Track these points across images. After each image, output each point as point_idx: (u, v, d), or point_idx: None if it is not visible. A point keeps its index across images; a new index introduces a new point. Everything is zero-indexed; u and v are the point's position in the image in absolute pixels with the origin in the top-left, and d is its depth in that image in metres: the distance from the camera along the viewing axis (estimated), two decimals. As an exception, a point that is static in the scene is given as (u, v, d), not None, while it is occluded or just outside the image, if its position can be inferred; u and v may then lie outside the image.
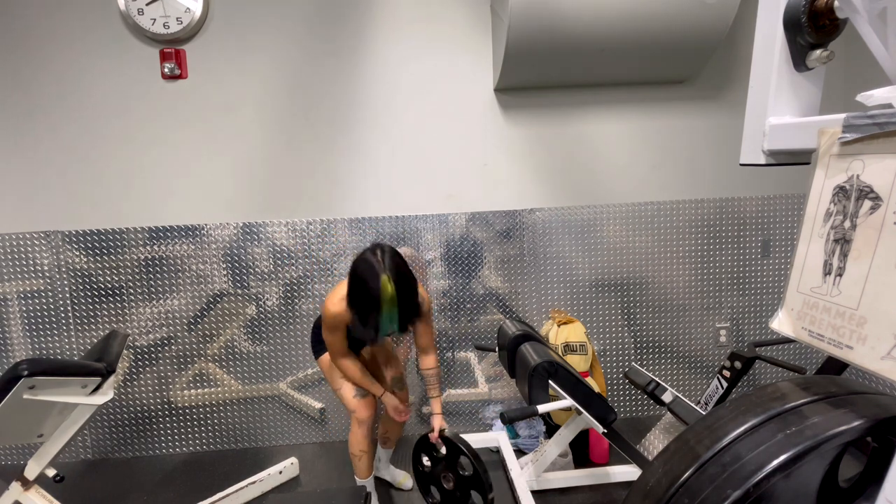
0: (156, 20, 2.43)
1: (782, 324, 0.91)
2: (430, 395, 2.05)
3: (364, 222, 2.63)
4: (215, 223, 2.59)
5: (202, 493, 2.20)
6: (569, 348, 2.47)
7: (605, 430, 1.90)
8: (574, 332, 2.49)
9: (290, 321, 2.67)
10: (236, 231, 2.60)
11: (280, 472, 2.32)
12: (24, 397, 1.63)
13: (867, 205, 0.76)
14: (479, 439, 2.52)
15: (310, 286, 2.65)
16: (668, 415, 2.29)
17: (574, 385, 1.91)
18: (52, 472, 1.83)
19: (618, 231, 2.73)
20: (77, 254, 2.55)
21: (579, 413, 1.96)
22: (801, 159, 0.97)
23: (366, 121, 2.61)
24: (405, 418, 2.07)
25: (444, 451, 2.00)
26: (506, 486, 2.27)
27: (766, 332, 2.83)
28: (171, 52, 2.49)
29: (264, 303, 2.65)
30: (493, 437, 2.54)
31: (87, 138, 2.53)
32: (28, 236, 2.52)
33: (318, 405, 2.72)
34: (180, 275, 2.60)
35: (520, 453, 2.48)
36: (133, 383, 2.64)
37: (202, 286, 2.61)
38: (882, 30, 0.84)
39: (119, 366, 2.31)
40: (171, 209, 2.59)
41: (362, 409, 1.99)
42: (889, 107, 0.75)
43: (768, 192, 2.75)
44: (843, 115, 0.80)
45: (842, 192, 0.80)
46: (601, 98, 2.67)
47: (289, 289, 2.65)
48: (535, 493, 2.11)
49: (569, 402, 1.91)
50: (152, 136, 2.55)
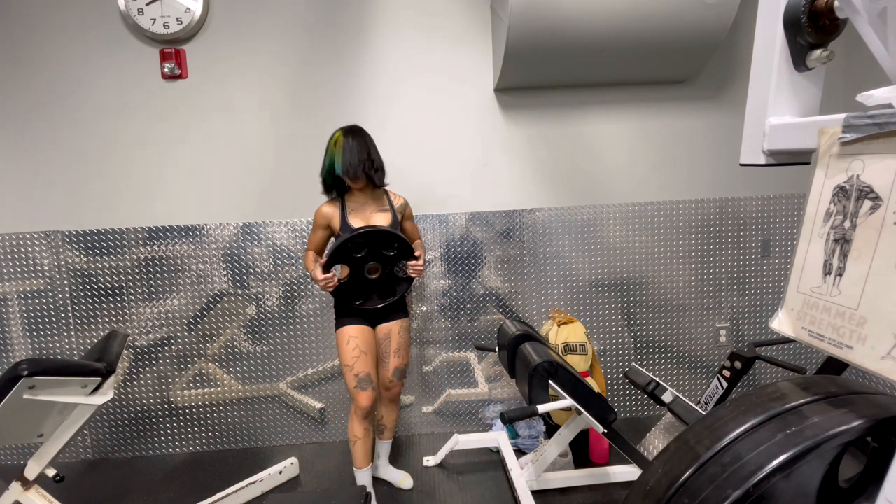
0: (156, 20, 2.43)
1: (782, 324, 0.91)
2: None
3: (364, 222, 2.63)
4: (215, 223, 2.59)
5: (202, 493, 2.20)
6: (569, 348, 2.47)
7: (605, 430, 1.90)
8: (574, 332, 2.49)
9: (290, 321, 2.67)
10: (236, 231, 2.60)
11: (280, 472, 2.32)
12: (24, 397, 1.63)
13: (867, 205, 0.76)
14: (479, 439, 2.52)
15: (310, 286, 2.65)
16: (668, 415, 2.29)
17: (574, 385, 1.91)
18: (52, 472, 1.83)
19: (618, 231, 2.73)
20: (77, 254, 2.55)
21: (579, 413, 1.96)
22: (801, 159, 0.97)
23: (365, 120, 2.61)
24: (333, 284, 2.03)
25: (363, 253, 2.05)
26: (506, 486, 2.27)
27: (766, 332, 2.83)
28: (171, 52, 2.49)
29: (264, 303, 2.65)
30: (493, 437, 2.54)
31: (87, 138, 2.53)
32: (28, 236, 2.52)
33: (318, 405, 2.72)
34: (180, 275, 2.60)
35: (520, 453, 2.48)
36: (133, 383, 2.64)
37: (202, 286, 2.61)
38: (882, 30, 0.84)
39: (119, 366, 2.31)
40: (171, 209, 2.59)
41: (361, 399, 2.05)
42: (889, 107, 0.75)
43: (768, 192, 2.75)
44: (843, 115, 0.80)
45: (842, 192, 0.80)
46: (601, 98, 2.67)
47: (289, 289, 2.65)
48: (535, 493, 2.11)
49: (569, 402, 1.91)
50: (152, 136, 2.55)
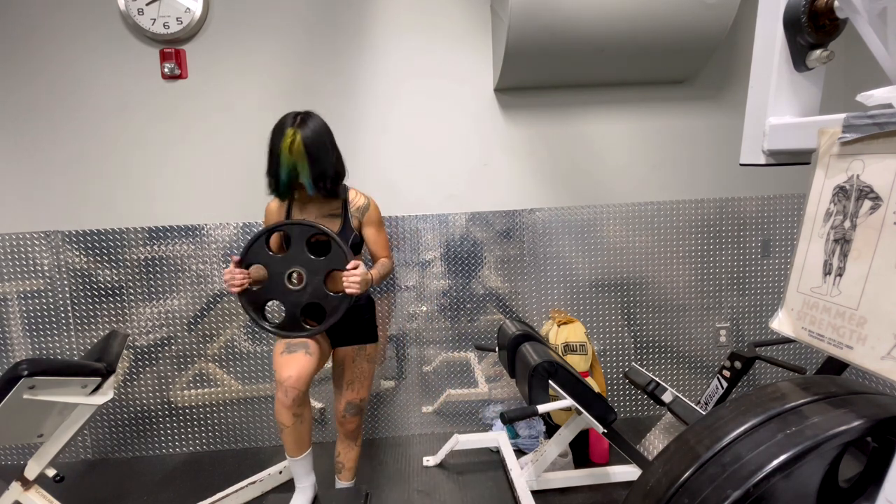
0: (156, 20, 2.43)
1: (782, 324, 0.91)
2: None
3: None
4: (215, 223, 2.59)
5: (202, 493, 2.20)
6: (569, 348, 2.47)
7: (605, 430, 1.90)
8: (574, 332, 2.49)
9: (290, 321, 2.67)
10: (236, 231, 2.60)
11: (280, 472, 2.32)
12: (24, 397, 1.63)
13: (867, 205, 0.76)
14: (479, 439, 2.52)
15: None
16: (668, 415, 2.29)
17: (574, 385, 1.91)
18: (52, 472, 1.83)
19: (618, 231, 2.73)
20: (77, 254, 2.55)
21: (579, 413, 1.96)
22: (801, 159, 0.97)
23: (365, 120, 2.61)
24: (238, 283, 1.75)
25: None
26: (506, 486, 2.27)
27: (766, 332, 2.83)
28: (171, 52, 2.49)
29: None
30: (493, 437, 2.54)
31: (87, 138, 2.53)
32: (28, 236, 2.52)
33: (318, 405, 2.72)
34: (180, 275, 2.60)
35: (520, 453, 2.48)
36: (133, 383, 2.64)
37: (202, 286, 2.61)
38: (882, 30, 0.84)
39: (119, 366, 2.31)
40: (171, 209, 2.59)
41: (282, 368, 1.70)
42: (889, 107, 0.75)
43: (768, 192, 2.75)
44: (843, 115, 0.80)
45: (842, 192, 0.80)
46: (601, 98, 2.67)
47: (289, 289, 2.65)
48: (535, 493, 2.11)
49: (569, 402, 1.91)
50: (152, 136, 2.55)
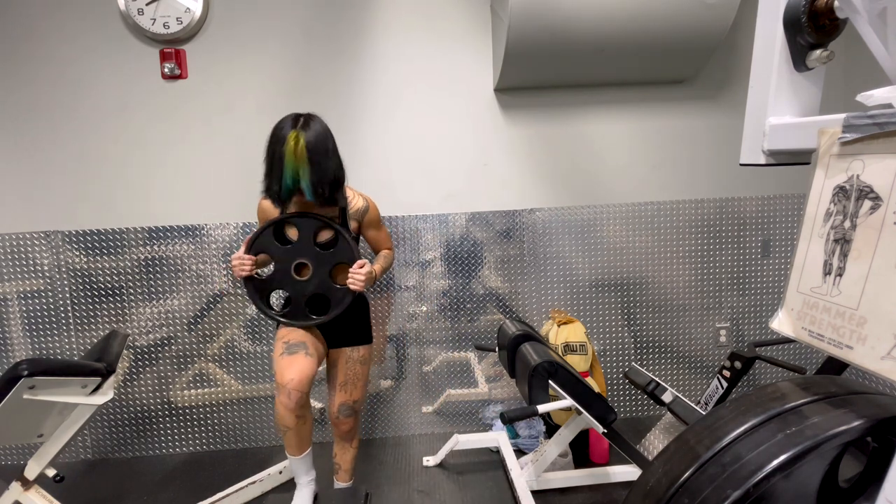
0: (156, 20, 2.43)
1: (782, 324, 0.91)
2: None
3: (364, 222, 2.62)
4: (215, 223, 2.59)
5: (202, 493, 2.20)
6: (569, 348, 2.47)
7: (605, 430, 1.90)
8: (574, 332, 2.49)
9: (290, 321, 2.67)
10: (236, 231, 2.60)
11: (280, 472, 2.32)
12: (24, 397, 1.63)
13: (867, 205, 0.76)
14: (479, 439, 2.52)
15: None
16: (668, 415, 2.29)
17: (574, 385, 1.91)
18: (52, 472, 1.83)
19: (618, 231, 2.73)
20: (77, 254, 2.55)
21: (579, 413, 1.96)
22: (801, 159, 0.97)
23: (365, 121, 2.61)
24: (246, 269, 1.78)
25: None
26: (506, 486, 2.27)
27: (766, 332, 2.83)
28: (171, 52, 2.49)
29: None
30: (493, 437, 2.54)
31: (87, 138, 2.53)
32: (28, 236, 2.52)
33: (318, 405, 2.72)
34: (180, 275, 2.60)
35: (520, 453, 2.48)
36: (133, 383, 2.64)
37: (202, 286, 2.61)
38: (882, 30, 0.84)
39: (119, 366, 2.31)
40: (171, 209, 2.59)
41: (283, 370, 1.71)
42: (889, 107, 0.75)
43: (768, 192, 2.75)
44: (843, 115, 0.80)
45: (842, 192, 0.81)
46: (601, 98, 2.67)
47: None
48: (535, 493, 2.11)
49: (569, 402, 1.91)
50: (152, 136, 2.55)
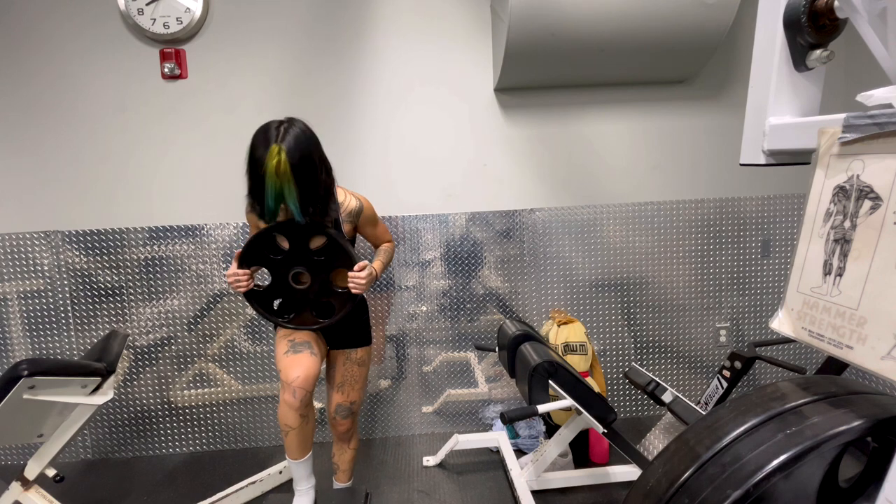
0: (156, 20, 2.43)
1: (782, 324, 0.91)
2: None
3: (364, 222, 2.62)
4: (215, 223, 2.59)
5: (202, 493, 2.20)
6: (569, 348, 2.47)
7: (605, 430, 1.90)
8: (574, 332, 2.49)
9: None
10: (236, 231, 2.60)
11: (280, 472, 2.31)
12: (24, 397, 1.63)
13: (867, 205, 0.76)
14: (479, 439, 2.52)
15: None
16: (668, 415, 2.29)
17: (574, 385, 1.91)
18: (52, 472, 1.83)
19: (618, 231, 2.73)
20: (77, 254, 2.55)
21: (579, 413, 1.96)
22: (801, 159, 0.97)
23: (365, 121, 2.61)
24: (243, 285, 1.69)
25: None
26: (506, 486, 2.27)
27: (766, 332, 2.83)
28: (171, 52, 2.49)
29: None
30: (493, 437, 2.54)
31: (87, 138, 2.53)
32: (28, 236, 2.52)
33: (318, 405, 2.72)
34: (180, 275, 2.60)
35: (520, 453, 2.48)
36: (133, 383, 2.64)
37: (202, 286, 2.61)
38: (882, 30, 0.84)
39: (119, 366, 2.31)
40: (171, 209, 2.59)
41: (288, 368, 1.66)
42: (889, 107, 0.75)
43: (768, 192, 2.75)
44: (843, 115, 0.80)
45: (842, 192, 0.80)
46: (601, 98, 2.67)
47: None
48: (535, 493, 2.11)
49: (569, 402, 1.91)
50: (152, 136, 2.55)
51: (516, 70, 2.43)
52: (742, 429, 0.82)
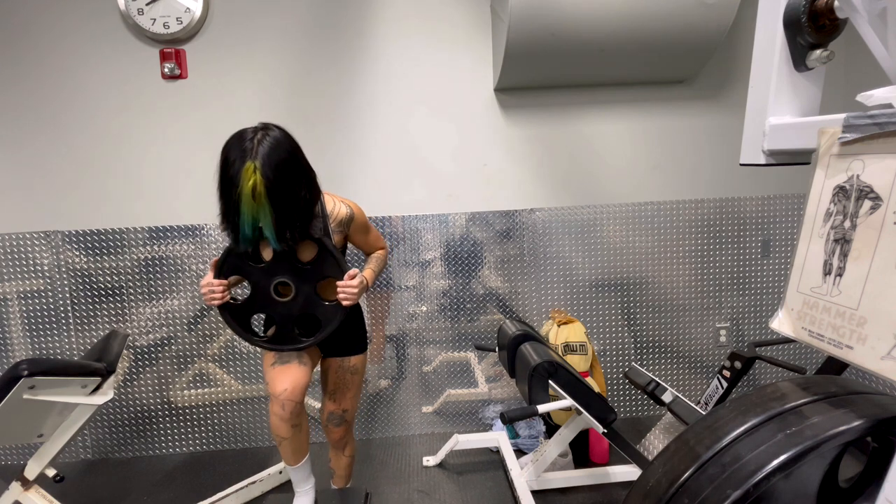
0: (156, 20, 2.43)
1: (782, 324, 0.91)
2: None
3: (364, 222, 2.62)
4: (215, 223, 2.59)
5: (202, 493, 2.20)
6: (569, 348, 2.47)
7: (605, 430, 1.90)
8: (574, 332, 2.49)
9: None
10: (236, 231, 2.60)
11: (280, 472, 2.32)
12: (24, 397, 1.63)
13: (867, 205, 0.76)
14: (479, 439, 2.52)
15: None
16: (668, 415, 2.29)
17: (574, 385, 1.91)
18: (52, 472, 1.83)
19: (618, 231, 2.73)
20: (77, 254, 2.55)
21: (579, 413, 1.96)
22: (801, 159, 0.97)
23: (365, 121, 2.61)
24: (218, 297, 1.58)
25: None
26: (506, 486, 2.27)
27: (766, 332, 2.83)
28: (171, 51, 2.49)
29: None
30: (493, 437, 2.54)
31: (87, 138, 2.53)
32: (28, 236, 2.52)
33: (317, 405, 2.72)
34: (180, 275, 2.60)
35: (520, 453, 2.48)
36: (133, 383, 2.64)
37: (202, 286, 2.61)
38: (882, 30, 0.84)
39: (119, 366, 2.31)
40: (171, 209, 2.59)
41: (275, 380, 1.61)
42: (889, 107, 0.75)
43: (768, 192, 2.75)
44: (843, 115, 0.80)
45: (842, 192, 0.80)
46: (601, 98, 2.67)
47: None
48: (535, 493, 2.11)
49: (569, 402, 1.91)
50: (152, 136, 2.55)
51: (516, 70, 2.43)
52: (742, 429, 0.82)
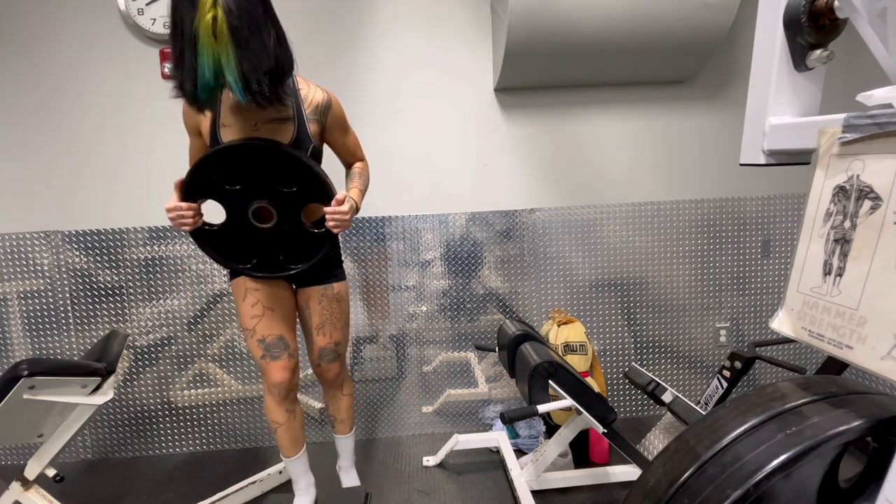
0: (156, 20, 2.43)
1: (782, 324, 0.91)
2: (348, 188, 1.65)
3: (364, 222, 2.62)
4: (215, 223, 2.58)
5: (202, 493, 2.20)
6: (569, 348, 2.47)
7: (605, 430, 1.90)
8: (574, 332, 2.49)
9: (290, 321, 2.66)
10: (236, 231, 2.60)
11: (280, 472, 2.32)
12: (24, 397, 1.63)
13: (867, 205, 0.76)
14: (479, 439, 2.52)
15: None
16: (668, 415, 2.29)
17: (574, 385, 1.91)
18: (52, 472, 1.83)
19: (618, 231, 2.73)
20: (77, 254, 2.55)
21: (579, 413, 1.96)
22: (801, 159, 0.97)
23: (365, 120, 2.61)
24: (189, 222, 1.48)
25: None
26: (506, 486, 2.27)
27: (766, 332, 2.83)
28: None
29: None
30: (493, 437, 2.53)
31: (87, 138, 2.53)
32: (28, 236, 2.52)
33: (318, 405, 2.72)
34: (180, 275, 2.60)
35: (520, 453, 2.48)
36: (133, 383, 2.64)
37: (202, 286, 2.61)
38: (882, 30, 0.84)
39: (119, 366, 2.31)
40: (171, 209, 2.59)
41: (270, 372, 1.63)
42: (889, 107, 0.75)
43: (768, 192, 2.75)
44: (843, 115, 0.80)
45: (842, 192, 0.81)
46: (601, 98, 2.67)
47: (289, 289, 2.65)
48: (535, 493, 2.11)
49: (569, 402, 1.91)
50: (152, 136, 2.55)
51: (516, 70, 2.43)
52: (742, 429, 0.82)
